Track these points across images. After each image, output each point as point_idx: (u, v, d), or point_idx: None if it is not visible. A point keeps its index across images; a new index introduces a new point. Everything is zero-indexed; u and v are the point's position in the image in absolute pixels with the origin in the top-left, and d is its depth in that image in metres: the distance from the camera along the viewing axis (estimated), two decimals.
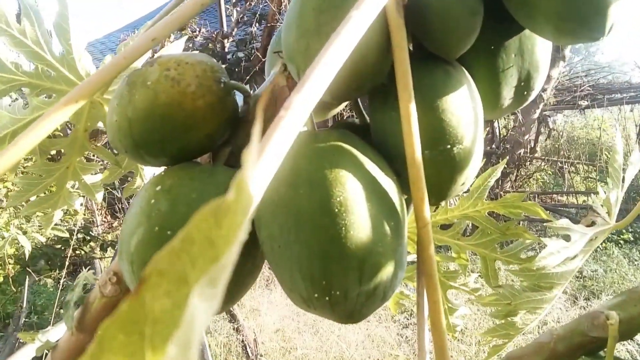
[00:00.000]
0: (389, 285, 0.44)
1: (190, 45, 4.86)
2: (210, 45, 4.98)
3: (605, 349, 0.55)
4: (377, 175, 0.44)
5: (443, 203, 0.88)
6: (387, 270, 0.43)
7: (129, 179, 0.92)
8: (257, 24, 5.27)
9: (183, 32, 5.39)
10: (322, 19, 0.42)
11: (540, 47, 0.50)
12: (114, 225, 5.05)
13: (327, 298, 0.42)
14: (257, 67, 4.46)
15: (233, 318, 3.22)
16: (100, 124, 0.77)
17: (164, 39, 0.64)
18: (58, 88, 0.72)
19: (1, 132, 0.72)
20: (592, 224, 0.86)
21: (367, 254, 0.41)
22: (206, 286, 0.13)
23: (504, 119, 6.66)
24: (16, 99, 0.77)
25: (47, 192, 0.85)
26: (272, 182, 0.42)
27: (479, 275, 1.02)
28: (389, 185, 0.45)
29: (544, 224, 0.86)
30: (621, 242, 6.06)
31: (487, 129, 6.51)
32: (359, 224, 0.41)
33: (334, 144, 0.44)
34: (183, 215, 0.44)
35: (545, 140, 7.03)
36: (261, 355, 2.85)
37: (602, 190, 0.90)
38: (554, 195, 8.08)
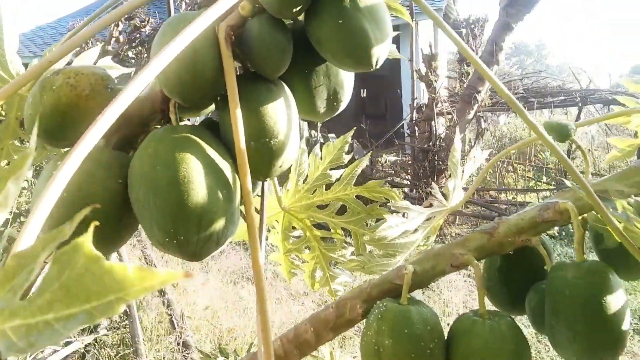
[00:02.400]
0: (221, 235, 0.63)
1: (138, 35, 4.95)
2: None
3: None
4: (215, 158, 0.63)
5: (301, 184, 1.09)
6: (219, 224, 0.62)
7: None
8: None
9: (131, 22, 5.47)
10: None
11: (343, 71, 0.71)
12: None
13: (175, 242, 0.61)
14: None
15: (161, 294, 3.40)
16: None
17: (86, 40, 0.82)
18: None
19: None
20: (430, 205, 1.07)
21: (203, 212, 0.61)
22: None
23: (445, 119, 7.00)
24: None
25: None
26: (139, 161, 0.61)
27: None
28: (225, 166, 0.64)
29: (388, 203, 1.07)
30: (563, 240, 6.50)
31: (427, 128, 6.85)
32: (198, 191, 0.60)
33: (185, 135, 0.63)
34: (79, 185, 0.62)
35: (477, 139, 7.43)
36: (187, 329, 3.05)
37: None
38: (491, 192, 8.50)
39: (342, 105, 0.74)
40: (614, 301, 0.70)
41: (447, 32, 0.68)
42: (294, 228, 1.20)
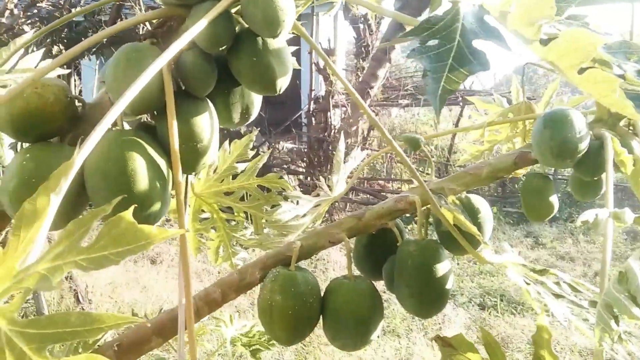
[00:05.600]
0: (158, 214, 0.84)
1: (36, 11, 4.82)
2: (57, 13, 4.98)
3: None
4: (154, 156, 0.84)
5: (211, 174, 1.30)
6: (156, 206, 0.83)
7: None
8: None
9: None
10: (127, 73, 0.80)
11: (254, 93, 0.94)
12: None
13: None
14: (105, 40, 4.59)
15: None
16: None
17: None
18: None
19: None
20: (318, 195, 1.32)
21: (145, 197, 0.81)
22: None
23: (340, 111, 7.39)
24: None
25: None
26: (95, 157, 0.80)
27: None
28: (161, 162, 0.85)
29: (284, 193, 1.31)
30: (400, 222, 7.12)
31: (323, 119, 7.21)
32: (141, 181, 0.80)
33: (131, 137, 0.83)
34: (41, 172, 0.80)
35: (369, 131, 7.92)
36: (90, 301, 3.16)
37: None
38: (380, 181, 9.05)
39: (252, 118, 0.97)
40: (440, 268, 0.99)
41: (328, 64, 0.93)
42: (203, 211, 1.41)
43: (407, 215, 1.11)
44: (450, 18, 0.66)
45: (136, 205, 0.84)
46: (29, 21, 4.66)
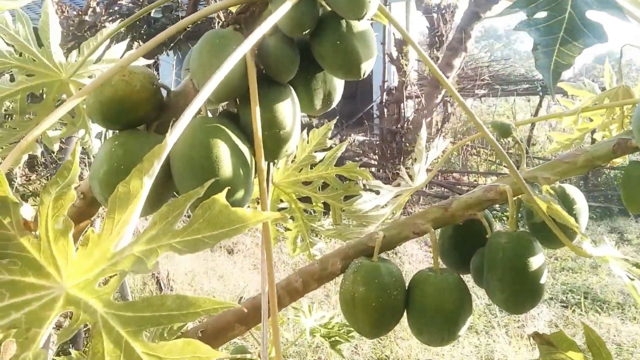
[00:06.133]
0: (241, 201, 0.83)
1: (117, 8, 5.02)
2: (136, 10, 5.16)
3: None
4: (237, 143, 0.83)
5: (290, 163, 1.29)
6: (240, 194, 0.82)
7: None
8: None
9: None
10: (212, 59, 0.80)
11: (336, 78, 0.91)
12: (32, 178, 5.21)
13: None
14: (182, 36, 4.72)
15: None
16: (63, 96, 1.11)
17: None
18: (38, 70, 1.05)
19: None
20: (398, 185, 1.29)
21: (229, 183, 0.80)
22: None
23: (413, 102, 7.26)
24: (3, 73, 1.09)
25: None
26: (180, 143, 0.80)
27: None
28: (245, 149, 0.84)
29: (365, 182, 1.28)
30: (504, 217, 6.88)
31: (396, 110, 7.11)
32: (226, 167, 0.80)
33: (215, 124, 0.82)
34: (130, 158, 0.81)
35: (443, 122, 7.74)
36: (172, 288, 3.27)
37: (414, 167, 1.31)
38: (455, 174, 8.85)
39: (334, 104, 0.94)
40: (534, 262, 0.93)
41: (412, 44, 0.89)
42: (281, 200, 1.40)
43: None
44: None
45: (220, 191, 0.84)
46: (111, 18, 4.85)
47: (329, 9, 0.85)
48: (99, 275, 0.46)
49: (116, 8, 5.10)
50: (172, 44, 5.10)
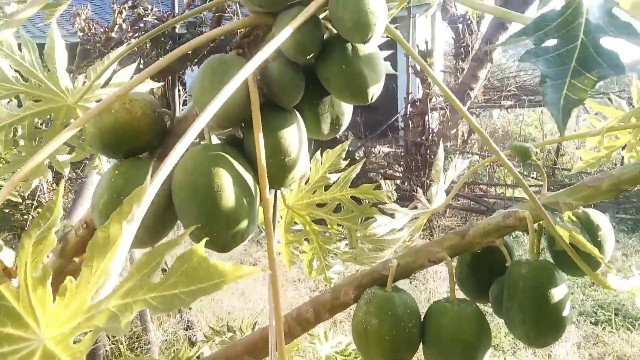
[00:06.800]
0: (245, 232, 0.80)
1: (143, 25, 5.08)
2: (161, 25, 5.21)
3: None
4: (241, 171, 0.80)
5: (303, 185, 1.25)
6: (243, 224, 0.79)
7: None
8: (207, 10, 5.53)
9: (135, 10, 5.59)
10: (213, 85, 0.77)
11: (344, 103, 0.88)
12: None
13: (209, 236, 0.78)
14: (205, 52, 4.74)
15: None
16: (72, 121, 1.10)
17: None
18: (44, 96, 1.04)
19: (0, 123, 1.04)
20: (415, 208, 1.24)
21: (231, 213, 0.77)
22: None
23: (438, 114, 7.18)
24: (10, 100, 1.08)
25: None
26: (181, 171, 0.77)
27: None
28: (248, 177, 0.80)
29: (380, 204, 1.24)
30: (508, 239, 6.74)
31: (420, 122, 7.04)
32: (228, 197, 0.76)
33: (218, 152, 0.79)
34: (130, 188, 0.78)
35: (470, 134, 7.62)
36: (190, 308, 3.25)
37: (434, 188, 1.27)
38: (482, 186, 8.70)
39: (343, 128, 0.90)
40: (557, 293, 0.88)
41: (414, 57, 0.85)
42: (295, 223, 1.36)
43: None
44: (571, 12, 0.55)
45: (222, 223, 0.81)
46: (137, 35, 4.91)
47: (334, 31, 0.81)
48: (75, 330, 0.43)
49: (142, 25, 5.16)
50: (196, 60, 5.13)
